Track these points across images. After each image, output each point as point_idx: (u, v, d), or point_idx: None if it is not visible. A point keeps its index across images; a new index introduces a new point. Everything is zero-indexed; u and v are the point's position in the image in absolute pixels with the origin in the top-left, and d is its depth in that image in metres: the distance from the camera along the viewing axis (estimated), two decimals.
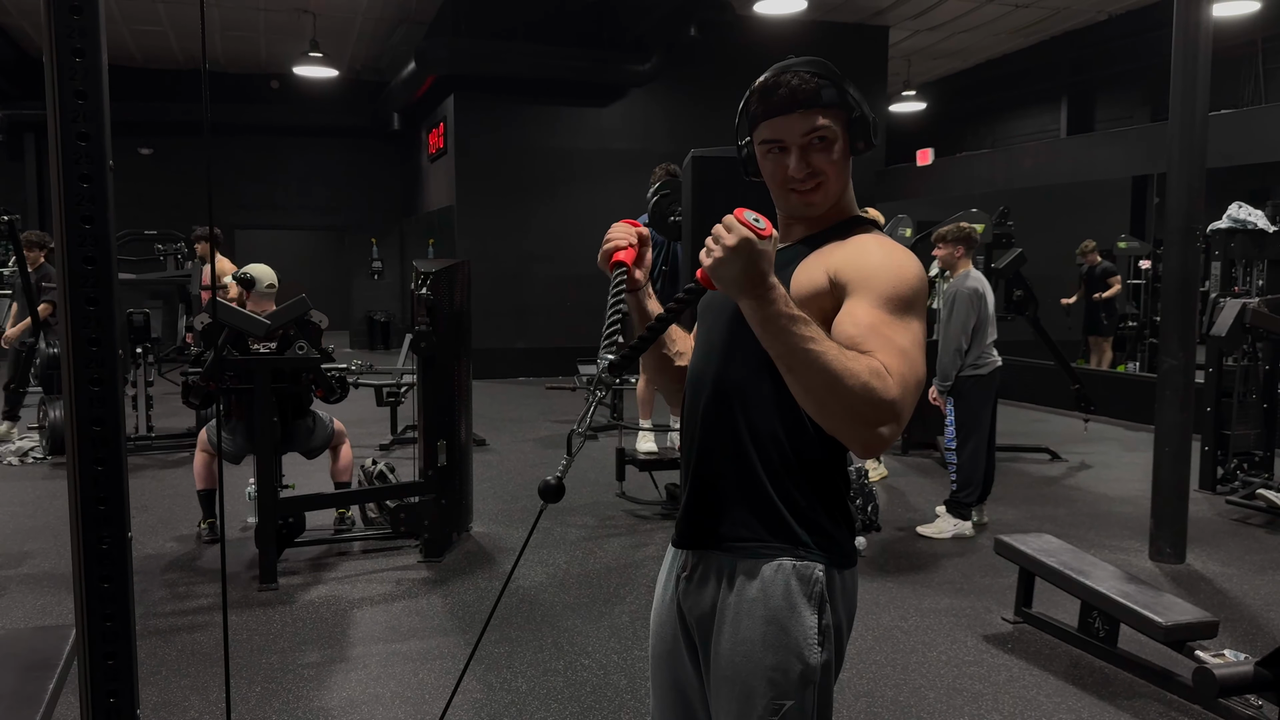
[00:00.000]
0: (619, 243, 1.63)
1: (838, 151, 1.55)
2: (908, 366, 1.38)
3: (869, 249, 1.50)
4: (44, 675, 2.43)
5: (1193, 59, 4.66)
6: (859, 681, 3.47)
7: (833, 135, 1.53)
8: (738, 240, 1.32)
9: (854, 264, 1.47)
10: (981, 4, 12.15)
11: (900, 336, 1.40)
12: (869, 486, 5.37)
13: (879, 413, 1.34)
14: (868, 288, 1.44)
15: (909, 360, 1.39)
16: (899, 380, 1.36)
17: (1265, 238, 7.32)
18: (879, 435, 1.35)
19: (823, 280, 1.49)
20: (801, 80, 1.52)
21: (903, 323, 1.42)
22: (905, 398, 1.36)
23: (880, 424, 1.34)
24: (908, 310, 1.43)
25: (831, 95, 1.53)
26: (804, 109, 1.52)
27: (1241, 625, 4.02)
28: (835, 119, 1.53)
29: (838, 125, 1.54)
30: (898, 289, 1.44)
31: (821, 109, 1.52)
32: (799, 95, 1.51)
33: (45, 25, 1.34)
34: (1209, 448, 6.30)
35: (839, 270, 1.47)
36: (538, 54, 11.54)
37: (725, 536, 1.55)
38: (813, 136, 1.53)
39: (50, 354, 7.50)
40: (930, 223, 8.05)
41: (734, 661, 1.52)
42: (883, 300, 1.43)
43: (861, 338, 1.39)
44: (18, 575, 4.55)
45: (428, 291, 4.80)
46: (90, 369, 1.38)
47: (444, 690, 3.38)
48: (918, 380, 1.40)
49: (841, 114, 1.54)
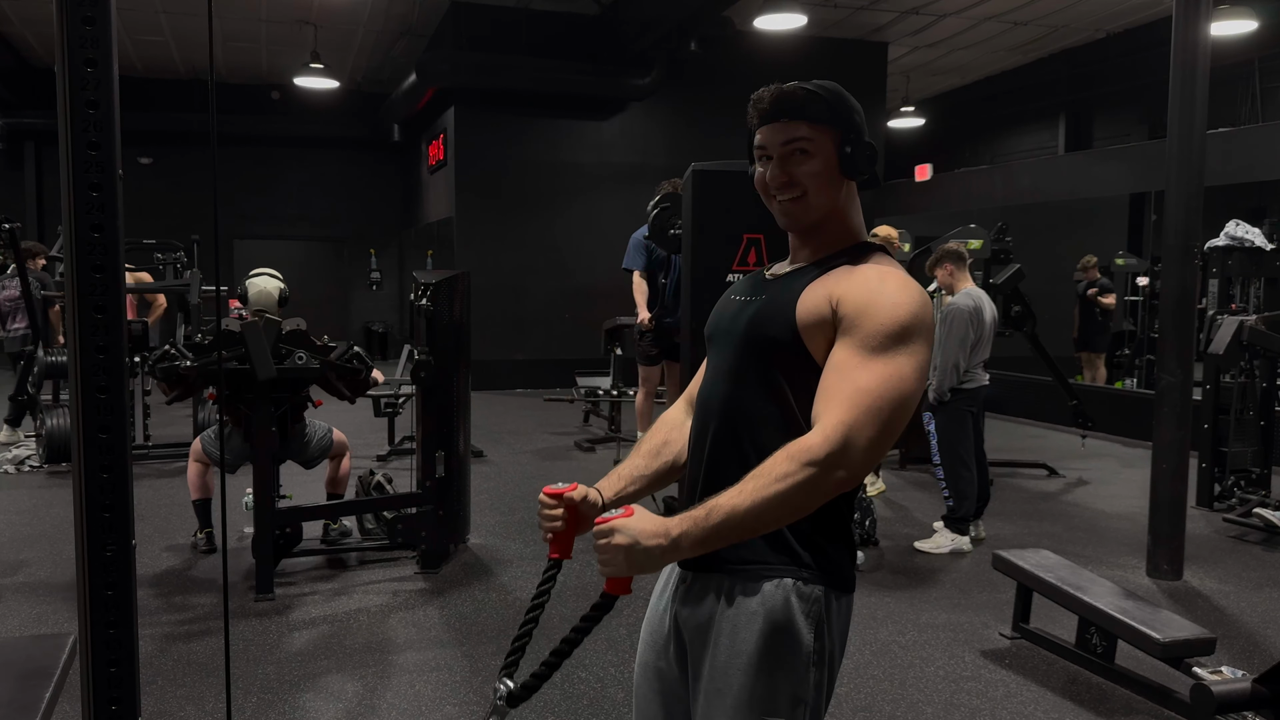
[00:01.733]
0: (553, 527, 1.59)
1: (819, 166, 1.56)
2: (856, 409, 1.42)
3: (870, 283, 1.50)
4: (41, 683, 2.43)
5: (1191, 77, 4.69)
6: (856, 696, 3.47)
7: (814, 148, 1.55)
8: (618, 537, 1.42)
9: (851, 298, 1.49)
10: (980, 21, 12.21)
11: (865, 376, 1.43)
12: (866, 501, 5.37)
13: (825, 475, 1.40)
14: (855, 327, 1.47)
15: (861, 400, 1.42)
16: (833, 431, 1.41)
17: (1262, 255, 7.35)
18: (841, 482, 1.42)
19: (825, 309, 1.50)
20: (789, 91, 1.55)
21: (878, 360, 1.44)
22: (848, 438, 1.40)
23: (831, 476, 1.41)
24: (890, 346, 1.45)
25: (819, 111, 1.55)
26: (787, 118, 1.55)
27: (1239, 642, 4.02)
28: (821, 134, 1.55)
29: (824, 140, 1.55)
30: (885, 326, 1.45)
31: (807, 121, 1.55)
32: (782, 104, 1.55)
33: (58, 35, 1.35)
34: (1206, 464, 6.30)
35: (839, 302, 1.49)
36: (538, 67, 11.58)
37: (729, 559, 1.55)
38: (793, 147, 1.55)
39: (49, 362, 7.50)
40: (929, 238, 8.08)
41: (727, 674, 1.52)
42: (864, 339, 1.46)
43: (824, 386, 1.47)
44: (14, 584, 4.54)
45: (427, 302, 4.81)
46: (98, 376, 1.39)
47: (440, 702, 3.38)
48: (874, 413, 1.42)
49: (831, 132, 1.56)
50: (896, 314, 1.46)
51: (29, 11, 11.72)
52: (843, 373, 1.44)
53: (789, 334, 1.52)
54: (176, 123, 14.01)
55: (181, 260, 9.90)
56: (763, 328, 1.55)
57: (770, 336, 1.54)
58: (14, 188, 14.62)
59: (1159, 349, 5.04)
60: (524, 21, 11.77)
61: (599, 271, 11.59)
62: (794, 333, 1.51)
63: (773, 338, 1.54)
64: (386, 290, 16.75)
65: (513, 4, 11.65)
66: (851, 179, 1.59)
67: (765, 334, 1.55)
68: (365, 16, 11.98)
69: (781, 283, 1.60)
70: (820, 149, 1.55)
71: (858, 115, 1.59)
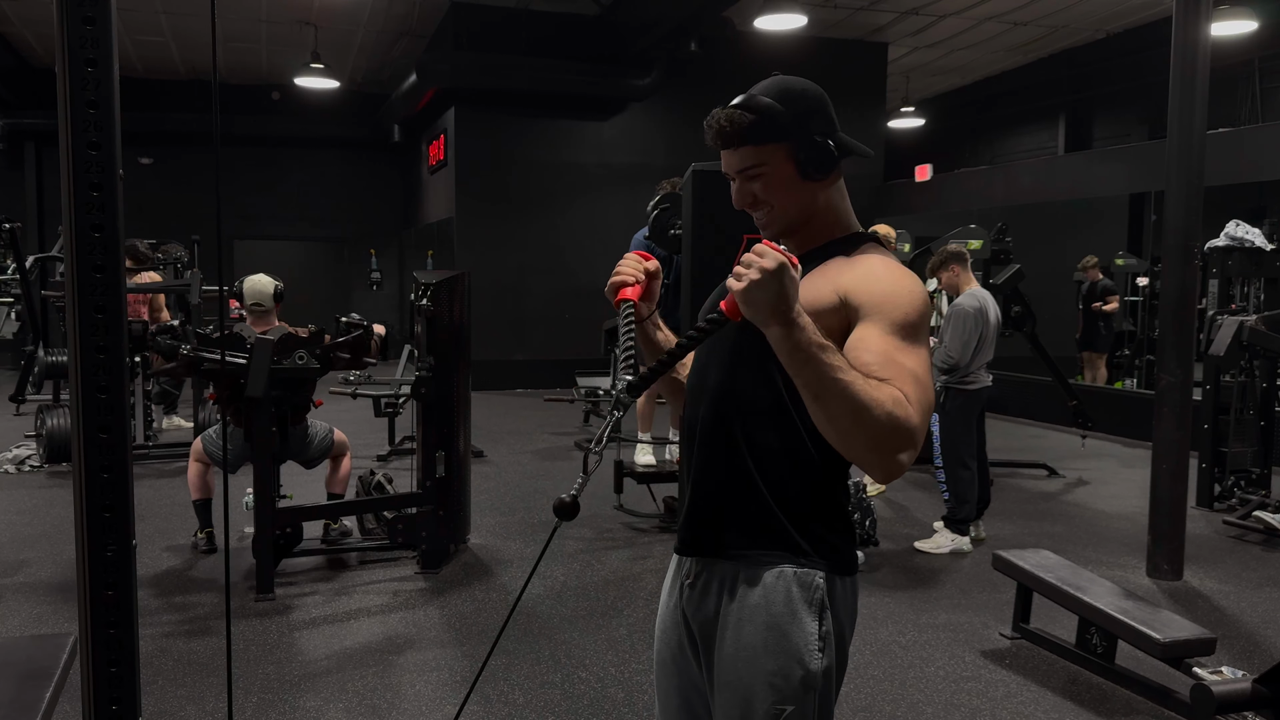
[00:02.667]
0: (625, 278, 1.65)
1: (776, 181, 1.57)
2: (922, 393, 1.42)
3: (878, 272, 1.52)
4: (41, 684, 2.43)
5: (1191, 78, 4.69)
6: (857, 696, 3.47)
7: (766, 168, 1.57)
8: (775, 264, 1.34)
9: (865, 287, 1.49)
10: (980, 21, 12.21)
11: (913, 363, 1.44)
12: (867, 501, 5.37)
13: (900, 440, 1.37)
14: (880, 314, 1.46)
15: (922, 387, 1.42)
16: (917, 407, 1.39)
17: (1262, 255, 7.35)
18: (898, 462, 1.39)
19: (831, 298, 1.50)
20: (728, 120, 1.56)
21: (914, 349, 1.45)
22: (923, 424, 1.40)
23: (900, 450, 1.38)
24: (916, 335, 1.47)
25: (760, 132, 1.55)
26: (734, 147, 1.58)
27: (1239, 642, 4.03)
28: (770, 152, 1.56)
29: (775, 156, 1.56)
30: (908, 315, 1.47)
31: (751, 145, 1.56)
32: (723, 136, 1.58)
33: (58, 35, 1.35)
34: (1206, 465, 6.30)
35: (850, 292, 1.49)
36: (538, 67, 11.58)
37: (726, 544, 1.58)
38: (747, 173, 1.58)
39: (49, 362, 7.50)
40: (929, 238, 8.08)
41: (736, 667, 1.55)
42: (895, 327, 1.46)
43: (877, 365, 1.41)
44: (14, 584, 4.54)
45: (427, 303, 4.81)
46: (98, 376, 1.39)
47: (440, 701, 3.38)
48: (931, 405, 1.44)
49: (780, 146, 1.56)
50: (915, 302, 1.48)
51: (29, 11, 11.72)
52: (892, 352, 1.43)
53: None
54: (177, 123, 14.00)
55: (182, 260, 9.90)
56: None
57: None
58: (14, 188, 14.61)
59: (1159, 349, 5.04)
60: (524, 21, 11.77)
61: (599, 271, 11.50)
62: None
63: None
64: (386, 290, 16.74)
65: (513, 4, 11.65)
66: (819, 180, 1.59)
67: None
68: (365, 16, 11.98)
69: None
70: (773, 165, 1.57)
71: (812, 112, 1.58)
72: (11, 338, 12.59)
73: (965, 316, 5.20)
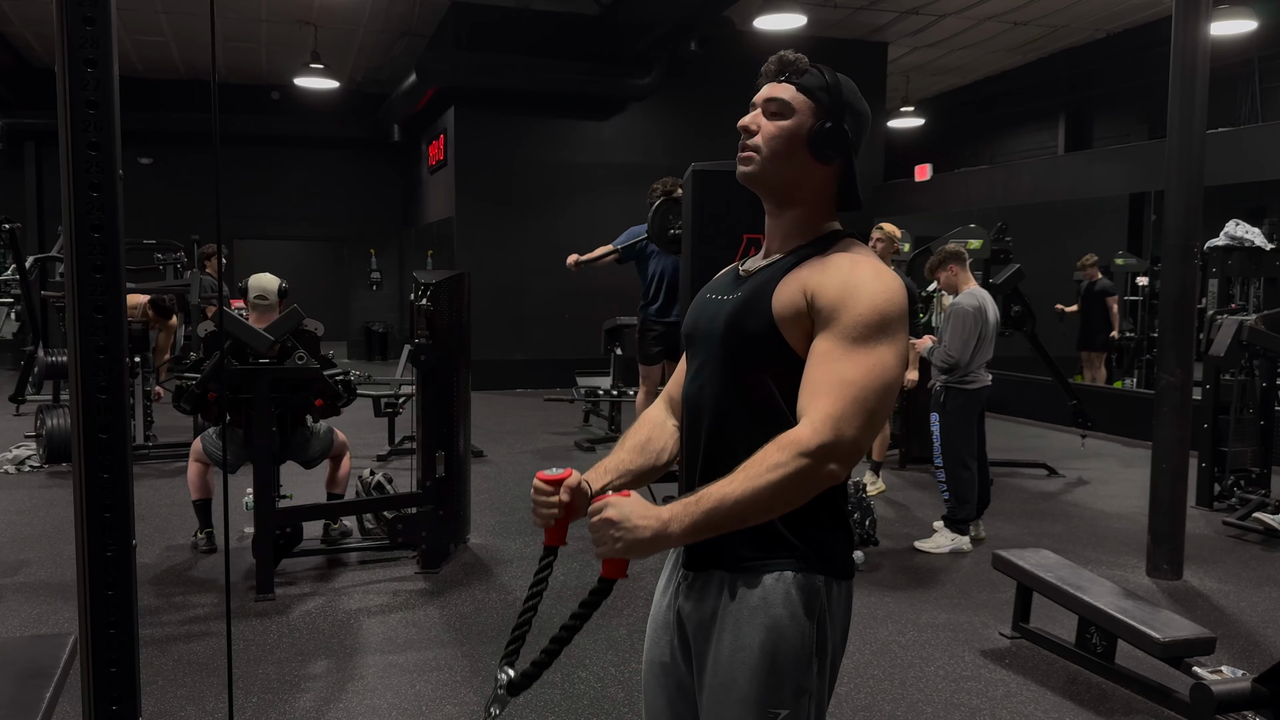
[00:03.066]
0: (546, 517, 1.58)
1: (787, 131, 1.58)
2: (845, 401, 1.43)
3: (844, 273, 1.51)
4: (41, 684, 2.43)
5: (1191, 77, 4.69)
6: (856, 696, 3.47)
7: (787, 112, 1.58)
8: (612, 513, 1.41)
9: (826, 290, 1.50)
10: (980, 21, 12.21)
11: (849, 367, 1.45)
12: (867, 501, 5.37)
13: (818, 467, 1.41)
14: (833, 319, 1.48)
15: (849, 392, 1.43)
16: (824, 423, 1.41)
17: (1262, 255, 7.36)
18: (833, 474, 1.43)
19: (800, 301, 1.51)
20: (794, 58, 1.61)
21: (860, 351, 1.45)
22: (838, 431, 1.41)
23: (824, 468, 1.42)
24: (869, 337, 1.46)
25: (811, 82, 1.59)
26: (779, 80, 1.60)
27: (1239, 642, 4.03)
28: (803, 104, 1.58)
29: (803, 110, 1.58)
30: (863, 317, 1.46)
31: (795, 86, 1.59)
32: (783, 65, 1.61)
33: (58, 35, 1.35)
34: (1206, 464, 6.30)
35: (814, 294, 1.50)
36: (538, 67, 11.57)
37: (727, 556, 1.56)
38: (772, 105, 1.60)
39: (49, 362, 7.50)
40: (928, 238, 8.09)
41: (731, 668, 1.54)
42: (843, 331, 1.47)
43: (808, 378, 1.47)
44: (14, 584, 4.54)
45: (427, 302, 4.81)
46: (98, 376, 1.39)
47: (440, 701, 3.38)
48: (861, 404, 1.43)
49: (813, 105, 1.58)
50: (874, 303, 1.47)
51: (29, 11, 11.72)
52: (826, 364, 1.46)
53: (768, 328, 1.53)
54: (176, 123, 14.00)
55: (181, 260, 9.90)
56: (742, 324, 1.56)
57: (750, 332, 1.55)
58: (14, 188, 14.61)
59: (1159, 349, 5.04)
60: (524, 21, 11.77)
61: (599, 271, 11.57)
62: (772, 326, 1.52)
63: (753, 333, 1.54)
64: (386, 290, 16.74)
65: (513, 4, 11.65)
66: (817, 160, 1.59)
67: (745, 330, 1.56)
68: (365, 16, 11.98)
69: (756, 278, 1.61)
70: (796, 118, 1.58)
71: (856, 117, 1.60)
72: (11, 338, 12.59)
73: (964, 315, 5.19)
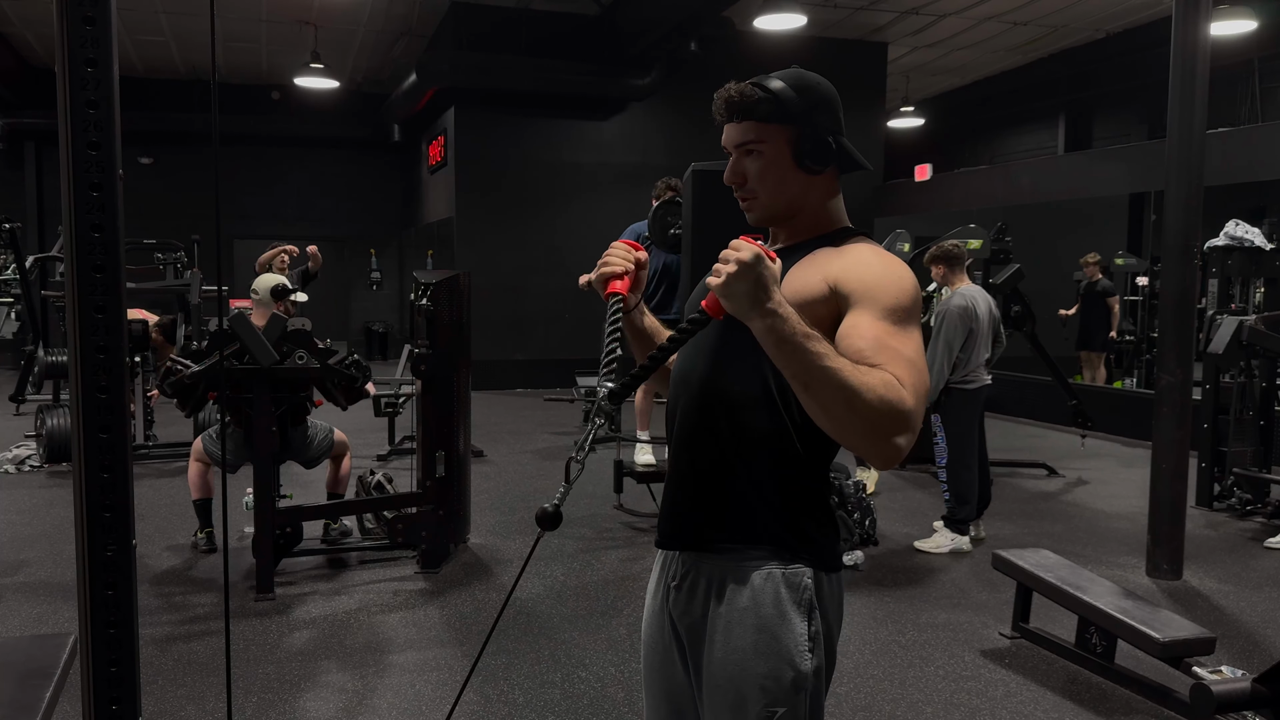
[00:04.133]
0: (615, 269, 1.62)
1: (770, 164, 1.56)
2: (916, 376, 1.40)
3: (868, 259, 1.51)
4: (41, 683, 2.43)
5: (1190, 77, 4.69)
6: (856, 695, 3.47)
7: (764, 148, 1.56)
8: (751, 255, 1.34)
9: (855, 275, 1.48)
10: (980, 21, 12.21)
11: (906, 347, 1.42)
12: (867, 501, 5.37)
13: (895, 424, 1.36)
14: (871, 300, 1.45)
15: (916, 370, 1.41)
16: (911, 390, 1.38)
17: (1262, 255, 7.36)
18: (896, 446, 1.37)
19: (821, 288, 1.50)
20: (738, 92, 1.56)
21: (906, 334, 1.44)
22: (918, 407, 1.38)
23: (897, 434, 1.36)
24: (908, 321, 1.45)
25: (769, 110, 1.55)
26: (737, 120, 1.58)
27: (1238, 642, 4.03)
28: (772, 132, 1.55)
29: (775, 139, 1.56)
30: (899, 300, 1.45)
31: (756, 121, 1.55)
32: (730, 106, 1.58)
33: (58, 35, 1.35)
34: (1206, 464, 6.31)
35: (839, 280, 1.48)
36: (538, 67, 11.58)
37: (708, 538, 1.56)
38: (744, 148, 1.58)
39: (49, 362, 7.50)
40: (928, 238, 8.08)
41: (726, 670, 1.53)
42: (886, 312, 1.44)
43: (870, 351, 1.40)
44: (14, 584, 4.54)
45: (427, 302, 4.81)
46: (98, 376, 1.39)
47: (440, 701, 3.38)
48: (926, 389, 1.42)
49: (783, 129, 1.55)
50: (905, 287, 1.47)
51: (29, 11, 11.71)
52: (886, 337, 1.42)
53: None
54: (176, 123, 14.01)
55: (182, 260, 9.91)
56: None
57: None
58: (14, 188, 14.62)
59: (1159, 349, 5.04)
60: (524, 21, 11.76)
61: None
62: None
63: None
64: (386, 290, 16.74)
65: (513, 4, 11.65)
66: (812, 172, 1.58)
67: None
68: (365, 16, 11.98)
69: None
70: (771, 148, 1.56)
71: (822, 106, 1.57)
72: (11, 338, 12.59)
73: (948, 315, 5.25)
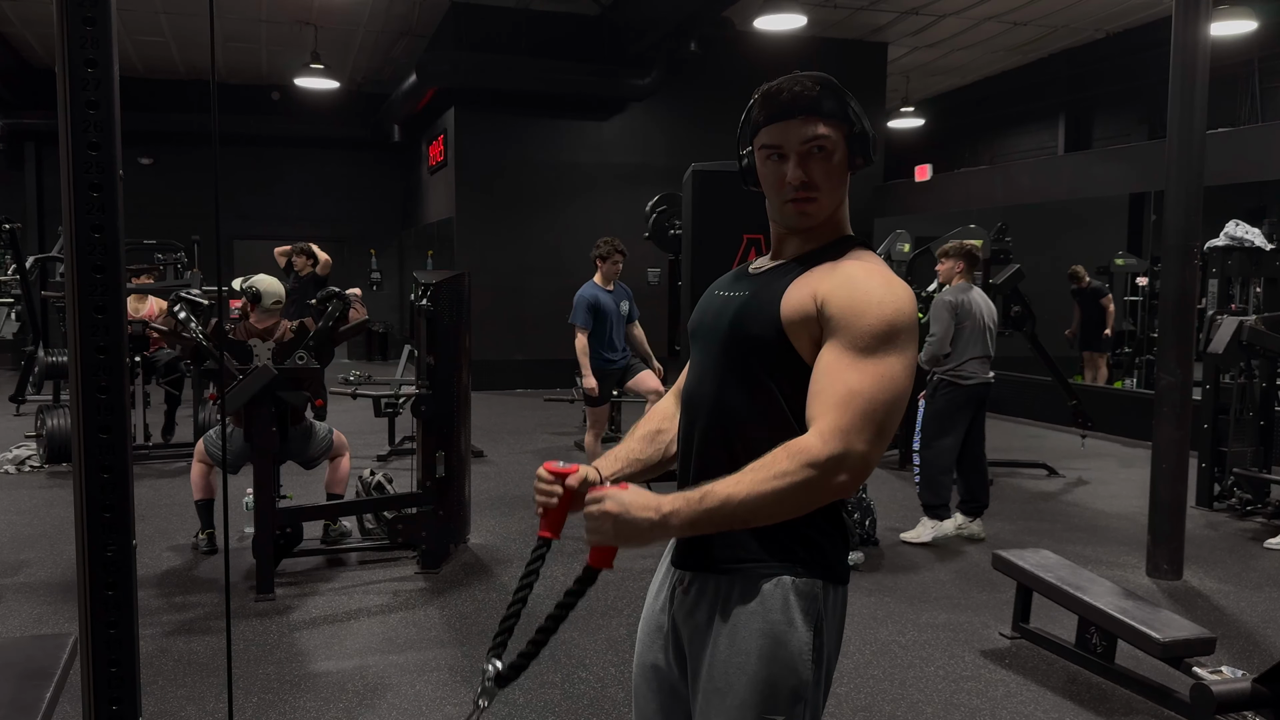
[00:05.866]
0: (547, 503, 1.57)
1: (835, 163, 1.54)
2: (853, 413, 1.40)
3: (855, 280, 1.48)
4: (41, 684, 2.43)
5: (1191, 77, 4.69)
6: (856, 696, 3.47)
7: (831, 145, 1.53)
8: (608, 504, 1.41)
9: (837, 298, 1.47)
10: (980, 21, 12.21)
11: (861, 379, 1.42)
12: (867, 501, 5.37)
13: (826, 477, 1.39)
14: (844, 328, 1.45)
15: (858, 403, 1.41)
16: (833, 434, 1.39)
17: (1262, 255, 7.35)
18: (842, 486, 1.41)
19: (810, 307, 1.49)
20: (805, 87, 1.53)
21: (870, 361, 1.43)
22: (848, 441, 1.39)
23: (833, 480, 1.40)
24: (881, 347, 1.43)
25: (833, 106, 1.53)
26: (805, 115, 1.52)
27: (1239, 642, 4.03)
28: (835, 130, 1.53)
29: (837, 137, 1.54)
30: (872, 327, 1.44)
31: (822, 118, 1.52)
32: (801, 100, 1.52)
33: (58, 35, 1.35)
34: (1206, 464, 6.31)
35: (824, 302, 1.47)
36: (538, 67, 11.58)
37: (721, 558, 1.55)
38: (812, 145, 1.53)
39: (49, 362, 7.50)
40: (928, 238, 8.08)
41: (727, 673, 1.52)
42: (852, 340, 1.44)
43: (816, 395, 1.45)
44: (14, 584, 4.54)
45: (427, 303, 4.81)
46: (98, 376, 1.39)
47: (441, 701, 3.38)
48: (869, 416, 1.41)
49: (842, 127, 1.54)
50: (883, 313, 1.44)
51: (29, 11, 11.72)
52: (834, 374, 1.43)
53: (774, 332, 1.50)
54: (176, 123, 14.00)
55: (182, 260, 9.91)
56: (747, 325, 1.54)
57: (755, 334, 1.52)
58: (14, 188, 14.62)
59: (1159, 349, 5.03)
60: (524, 22, 11.77)
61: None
62: (779, 331, 1.50)
63: (757, 335, 1.52)
64: (386, 290, 16.73)
65: (513, 4, 11.65)
66: (853, 171, 1.59)
67: (750, 331, 1.53)
68: (365, 16, 11.98)
69: (765, 278, 1.59)
70: (835, 147, 1.54)
71: (855, 105, 1.58)
72: (11, 338, 12.60)
73: (938, 307, 5.37)
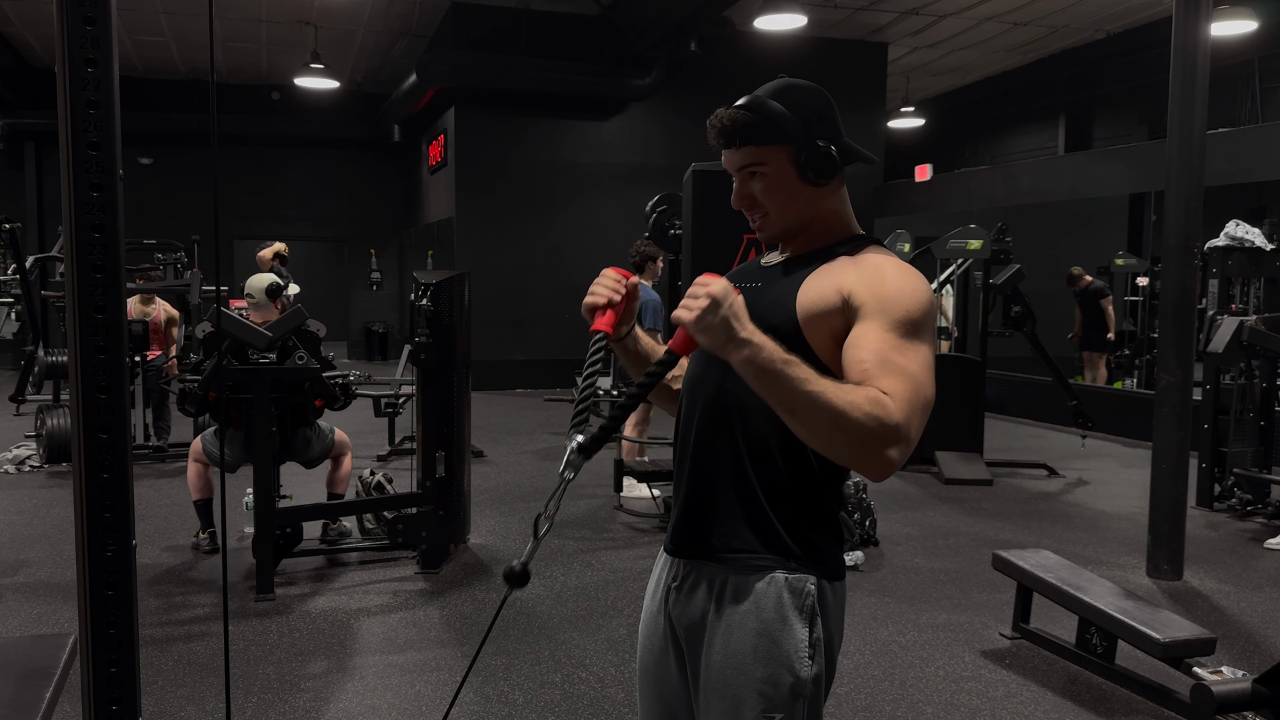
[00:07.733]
0: (598, 300, 1.61)
1: (775, 184, 1.56)
2: (913, 390, 1.39)
3: (883, 270, 1.49)
4: (41, 684, 2.42)
5: (1191, 77, 4.69)
6: (856, 696, 3.47)
7: (767, 169, 1.56)
8: (720, 289, 1.36)
9: (867, 286, 1.47)
10: (980, 22, 12.21)
11: (908, 360, 1.41)
12: (867, 501, 5.37)
13: (883, 440, 1.35)
14: (880, 311, 1.44)
15: (915, 383, 1.39)
16: (902, 404, 1.36)
17: (1262, 255, 7.36)
18: (888, 460, 1.36)
19: (834, 299, 1.49)
20: (730, 119, 1.55)
21: (912, 346, 1.43)
22: (910, 420, 1.37)
23: (886, 448, 1.35)
24: (917, 333, 1.44)
25: (763, 133, 1.55)
26: (735, 146, 1.57)
27: (1239, 642, 4.02)
28: (772, 153, 1.55)
29: (776, 158, 1.55)
30: (909, 312, 1.44)
31: (753, 145, 1.55)
32: (725, 135, 1.57)
33: (59, 35, 1.35)
34: (1206, 464, 6.30)
35: (853, 291, 1.47)
36: (538, 67, 11.58)
37: (717, 547, 1.55)
38: (746, 171, 1.58)
39: (49, 362, 7.50)
40: (928, 238, 8.09)
41: (724, 673, 1.52)
42: (893, 324, 1.43)
43: (870, 363, 1.40)
44: (14, 584, 4.54)
45: (428, 302, 4.81)
46: (98, 376, 1.39)
47: (441, 702, 3.38)
48: (924, 402, 1.40)
49: (781, 148, 1.55)
50: (918, 301, 1.46)
51: (29, 11, 11.72)
52: (887, 347, 1.41)
53: (789, 324, 1.50)
54: (176, 123, 14.01)
55: (182, 260, 9.90)
56: (762, 317, 1.51)
57: (770, 325, 1.49)
58: (14, 188, 14.62)
59: (1159, 349, 5.03)
60: (524, 22, 11.77)
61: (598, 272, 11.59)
62: (794, 323, 1.50)
63: (772, 326, 1.49)
64: (386, 290, 16.75)
65: (513, 4, 11.65)
66: (818, 185, 1.58)
67: (764, 323, 1.50)
68: (365, 16, 11.98)
69: (778, 271, 1.60)
70: (774, 168, 1.56)
71: (815, 117, 1.56)
72: (11, 338, 12.60)
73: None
